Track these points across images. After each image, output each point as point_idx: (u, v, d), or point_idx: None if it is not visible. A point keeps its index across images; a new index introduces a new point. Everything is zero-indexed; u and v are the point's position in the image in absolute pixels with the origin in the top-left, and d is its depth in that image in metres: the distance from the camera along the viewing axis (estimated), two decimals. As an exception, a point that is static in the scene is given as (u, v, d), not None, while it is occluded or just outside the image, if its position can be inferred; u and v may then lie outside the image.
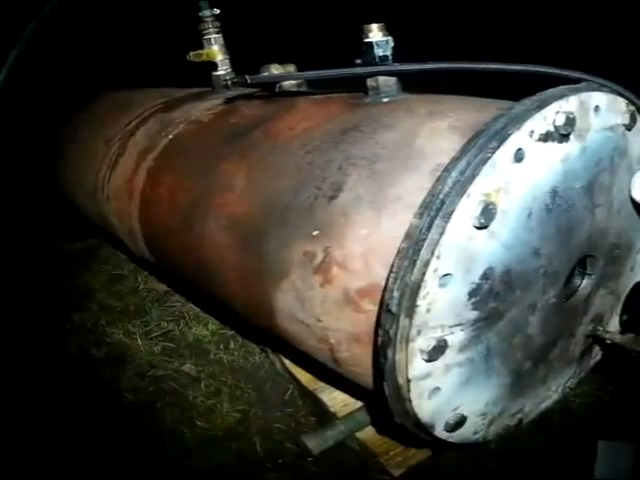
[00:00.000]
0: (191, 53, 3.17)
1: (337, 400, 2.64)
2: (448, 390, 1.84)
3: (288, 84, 2.67)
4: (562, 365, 2.27)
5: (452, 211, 1.57)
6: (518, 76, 1.92)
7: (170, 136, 2.87)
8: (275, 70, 2.65)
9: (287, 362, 2.93)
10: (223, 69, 3.11)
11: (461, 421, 1.96)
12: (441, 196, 1.59)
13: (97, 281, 4.05)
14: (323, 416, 2.68)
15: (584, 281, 2.14)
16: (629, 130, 2.02)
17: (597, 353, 2.47)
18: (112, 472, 2.56)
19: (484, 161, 1.60)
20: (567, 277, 2.02)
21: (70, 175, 3.90)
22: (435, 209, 1.58)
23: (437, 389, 1.81)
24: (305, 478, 2.54)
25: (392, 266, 1.63)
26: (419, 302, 1.60)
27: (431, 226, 1.57)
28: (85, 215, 3.93)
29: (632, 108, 2.01)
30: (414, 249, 1.58)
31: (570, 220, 1.88)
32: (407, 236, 1.61)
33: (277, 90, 2.69)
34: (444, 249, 1.57)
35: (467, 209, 1.58)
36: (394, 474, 2.44)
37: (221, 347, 3.31)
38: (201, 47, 3.17)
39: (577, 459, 2.51)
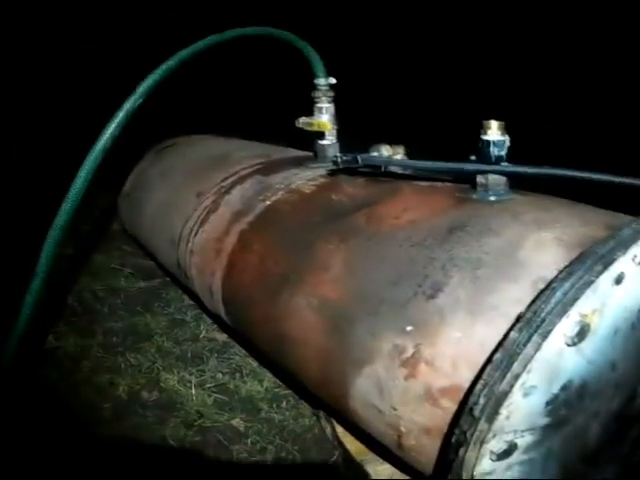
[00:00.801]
0: (301, 120, 3.19)
1: (383, 474, 2.66)
2: (503, 483, 1.88)
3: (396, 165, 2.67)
4: (612, 469, 2.29)
5: (551, 330, 1.61)
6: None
7: (268, 202, 2.87)
8: (385, 151, 2.66)
9: (339, 430, 2.94)
10: (329, 140, 3.14)
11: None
12: (542, 314, 1.63)
13: (157, 323, 4.03)
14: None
15: (641, 387, 2.18)
16: None
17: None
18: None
19: (588, 284, 1.64)
20: (633, 389, 2.05)
21: (150, 218, 3.89)
22: (535, 326, 1.62)
23: (493, 482, 1.85)
24: None
25: (481, 372, 1.68)
26: (502, 410, 1.64)
27: (528, 341, 1.61)
28: (157, 260, 3.97)
29: None
30: (508, 361, 1.62)
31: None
32: (503, 347, 1.65)
33: (382, 170, 2.66)
34: (536, 364, 1.61)
35: (564, 329, 1.62)
36: None
37: (273, 406, 3.31)
38: (309, 113, 3.20)
39: None
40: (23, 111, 6.49)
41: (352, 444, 2.82)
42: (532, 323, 1.63)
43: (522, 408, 1.68)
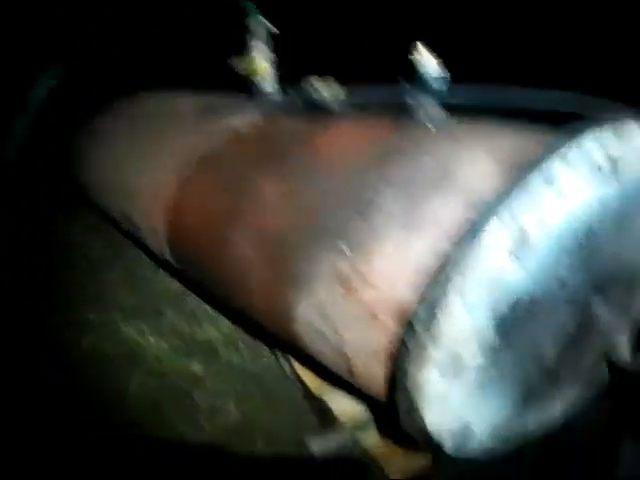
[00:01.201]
0: (235, 59, 3.11)
1: (343, 405, 2.65)
2: (459, 404, 1.86)
3: (330, 97, 2.61)
4: (572, 384, 2.28)
5: (484, 237, 1.58)
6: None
7: (207, 145, 2.84)
8: (316, 83, 2.60)
9: (296, 365, 2.94)
10: (266, 80, 3.06)
11: (469, 435, 1.97)
12: (475, 222, 1.60)
13: (115, 278, 4.00)
14: (328, 420, 2.68)
15: (602, 307, 2.15)
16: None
17: (606, 376, 2.49)
18: (111, 470, 2.55)
19: (520, 191, 1.62)
20: (586, 304, 2.02)
21: (98, 174, 3.85)
22: (468, 234, 1.60)
23: (449, 404, 1.82)
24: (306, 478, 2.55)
25: (419, 286, 1.65)
26: (441, 321, 1.61)
27: (462, 250, 1.59)
28: (113, 215, 3.89)
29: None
30: (442, 270, 1.60)
31: (599, 253, 1.90)
32: (437, 257, 1.63)
33: (318, 104, 2.60)
34: (472, 273, 1.59)
35: (500, 237, 1.60)
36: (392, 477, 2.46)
37: (231, 348, 3.32)
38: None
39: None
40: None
41: (310, 379, 2.81)
42: (464, 231, 1.61)
43: (465, 323, 1.66)
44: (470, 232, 1.59)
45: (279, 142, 2.55)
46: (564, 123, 1.82)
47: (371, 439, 2.56)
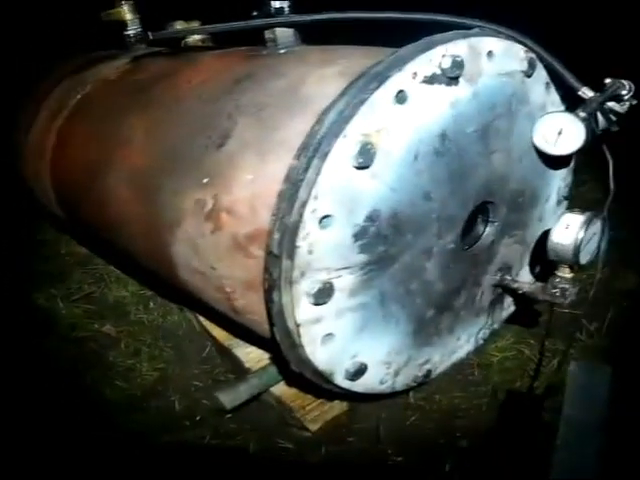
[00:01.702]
0: (103, 13, 3.10)
1: (252, 355, 2.64)
2: (343, 336, 1.84)
3: (193, 40, 2.65)
4: (470, 315, 2.28)
5: (328, 151, 1.56)
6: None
7: (79, 95, 2.84)
8: (179, 26, 2.64)
9: (203, 319, 2.93)
10: (133, 28, 3.05)
11: (362, 369, 1.96)
12: (318, 137, 1.59)
13: (19, 245, 3.99)
14: (239, 372, 2.67)
15: (487, 228, 2.16)
16: (528, 77, 2.02)
17: (510, 304, 2.49)
18: (32, 436, 2.52)
19: (362, 102, 1.60)
20: (466, 223, 2.01)
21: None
22: (312, 150, 1.58)
23: (330, 335, 1.81)
24: (224, 435, 2.53)
25: (273, 208, 1.63)
26: (299, 243, 1.60)
27: (308, 167, 1.57)
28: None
29: (530, 55, 2.01)
30: (292, 190, 1.58)
31: (463, 164, 1.89)
32: (286, 178, 1.61)
33: (182, 46, 2.69)
34: (322, 189, 1.57)
35: (344, 149, 1.58)
36: (311, 429, 2.44)
37: (140, 308, 3.31)
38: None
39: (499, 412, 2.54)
40: None
41: (218, 332, 2.80)
42: (309, 147, 1.59)
43: (325, 241, 1.65)
44: (315, 150, 1.58)
45: (143, 83, 2.52)
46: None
47: (283, 389, 2.54)
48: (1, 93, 3.77)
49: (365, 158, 1.60)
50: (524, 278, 2.40)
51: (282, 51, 2.20)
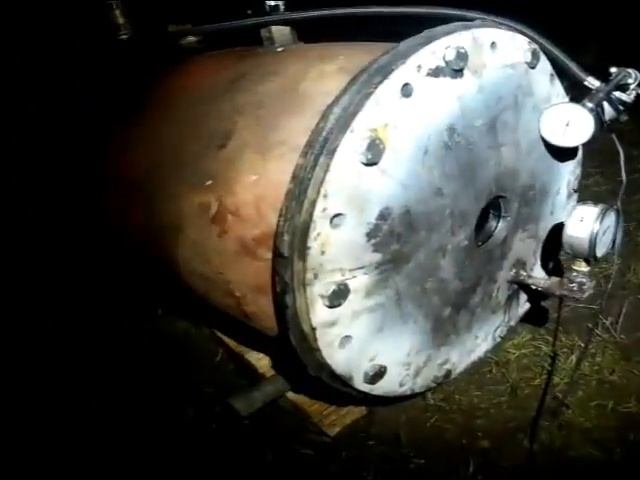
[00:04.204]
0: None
1: (265, 361, 2.62)
2: (361, 338, 1.82)
3: (188, 42, 2.64)
4: (487, 312, 2.26)
5: (336, 147, 1.54)
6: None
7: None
8: (174, 29, 2.63)
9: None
10: (125, 32, 3.04)
11: (381, 372, 1.94)
12: (324, 133, 1.56)
13: None
14: (252, 378, 2.64)
15: (499, 224, 2.14)
16: (532, 68, 2.01)
17: (526, 300, 2.46)
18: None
19: (367, 96, 1.57)
20: (479, 219, 1.99)
21: None
22: (319, 147, 1.55)
23: (348, 337, 1.78)
24: (241, 442, 2.50)
25: (281, 209, 1.60)
26: (311, 244, 1.57)
27: (316, 164, 1.54)
28: None
29: (534, 46, 1.99)
30: (300, 189, 1.55)
31: (473, 159, 1.87)
32: (293, 177, 1.58)
33: (178, 49, 2.67)
34: (331, 187, 1.54)
35: (352, 145, 1.55)
36: (330, 434, 2.42)
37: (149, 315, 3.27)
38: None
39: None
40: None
41: (229, 339, 2.77)
42: (315, 144, 1.56)
43: (337, 241, 1.62)
44: (322, 147, 1.55)
45: (138, 87, 2.53)
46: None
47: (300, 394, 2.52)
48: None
49: (374, 154, 1.58)
50: (538, 274, 2.37)
51: (279, 49, 2.19)
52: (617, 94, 2.00)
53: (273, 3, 2.15)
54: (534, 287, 2.23)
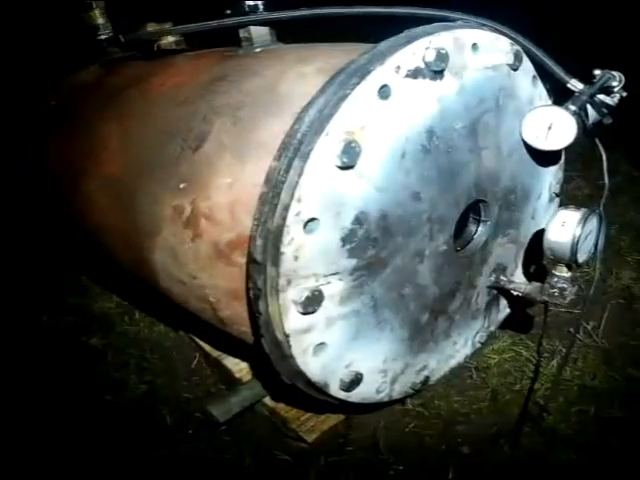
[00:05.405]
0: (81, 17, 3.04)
1: (242, 365, 2.58)
2: (336, 345, 1.77)
3: (167, 43, 2.58)
4: (466, 318, 2.22)
5: (310, 150, 1.48)
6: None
7: (53, 102, 2.81)
8: (150, 29, 2.56)
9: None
10: (105, 32, 2.99)
11: (357, 379, 1.89)
12: (298, 136, 1.51)
13: None
14: (230, 383, 2.60)
15: (479, 228, 2.10)
16: (515, 70, 1.97)
17: (506, 306, 2.43)
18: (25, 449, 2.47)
19: (343, 98, 1.52)
20: (458, 224, 1.95)
21: None
22: (293, 150, 1.50)
23: (322, 344, 1.73)
24: (218, 448, 2.46)
25: (255, 213, 1.55)
26: (284, 249, 1.52)
27: (289, 167, 1.49)
28: None
29: (516, 48, 1.95)
30: (273, 192, 1.50)
31: (452, 162, 1.82)
32: (267, 180, 1.53)
33: (155, 49, 2.60)
34: (305, 191, 1.49)
35: (327, 148, 1.50)
36: (308, 440, 2.38)
37: (126, 319, 3.23)
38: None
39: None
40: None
41: (206, 344, 2.73)
42: (289, 147, 1.51)
43: (311, 246, 1.57)
44: (296, 150, 1.50)
45: (117, 88, 2.45)
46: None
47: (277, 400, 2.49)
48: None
49: (349, 157, 1.52)
50: (519, 279, 2.34)
51: (258, 50, 2.13)
52: (601, 97, 1.96)
53: (252, 3, 2.08)
54: (515, 293, 2.19)
